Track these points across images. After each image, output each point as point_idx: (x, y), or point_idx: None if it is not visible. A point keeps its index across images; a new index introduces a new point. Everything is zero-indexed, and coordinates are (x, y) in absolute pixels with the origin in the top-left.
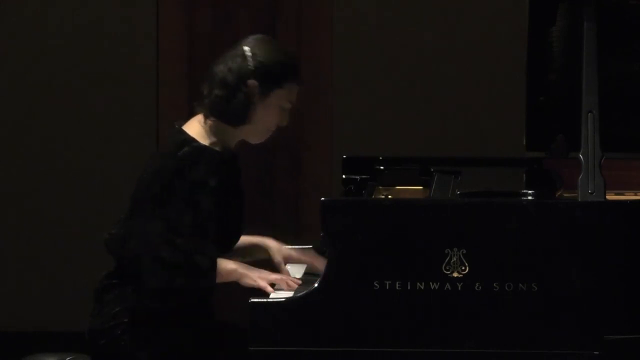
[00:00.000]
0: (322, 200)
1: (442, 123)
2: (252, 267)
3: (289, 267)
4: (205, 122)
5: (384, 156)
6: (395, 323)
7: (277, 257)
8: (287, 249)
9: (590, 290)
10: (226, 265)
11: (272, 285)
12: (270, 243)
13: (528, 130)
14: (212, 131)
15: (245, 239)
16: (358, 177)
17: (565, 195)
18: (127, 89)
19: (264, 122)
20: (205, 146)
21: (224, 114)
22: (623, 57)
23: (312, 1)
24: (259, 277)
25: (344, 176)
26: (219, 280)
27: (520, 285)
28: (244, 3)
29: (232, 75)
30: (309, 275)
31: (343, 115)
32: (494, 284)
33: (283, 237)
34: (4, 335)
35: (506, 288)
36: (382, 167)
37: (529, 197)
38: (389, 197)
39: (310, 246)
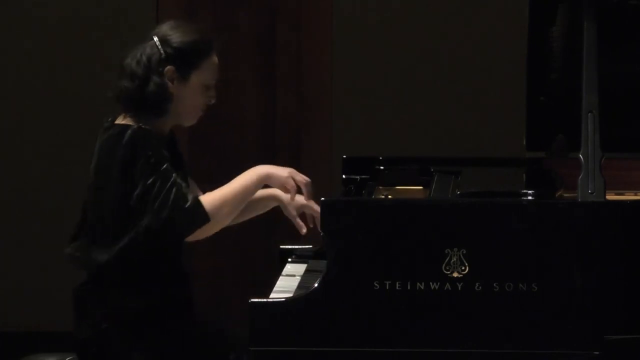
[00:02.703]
0: (322, 200)
1: (442, 123)
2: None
3: (289, 266)
4: (130, 118)
5: (384, 156)
6: (395, 323)
7: (291, 211)
8: (300, 199)
9: (591, 290)
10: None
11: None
12: (282, 196)
13: (528, 130)
14: (141, 123)
15: (256, 194)
16: (358, 177)
17: (565, 195)
18: None
19: (191, 104)
20: (145, 127)
21: (141, 107)
22: (623, 57)
23: (312, 1)
24: (288, 176)
25: (344, 176)
26: (248, 197)
27: (520, 285)
28: (244, 3)
29: (141, 66)
30: (309, 273)
31: (343, 115)
32: (494, 284)
33: (283, 237)
34: (4, 335)
35: (506, 288)
36: (382, 167)
37: (529, 197)
38: (389, 197)
39: (310, 246)
